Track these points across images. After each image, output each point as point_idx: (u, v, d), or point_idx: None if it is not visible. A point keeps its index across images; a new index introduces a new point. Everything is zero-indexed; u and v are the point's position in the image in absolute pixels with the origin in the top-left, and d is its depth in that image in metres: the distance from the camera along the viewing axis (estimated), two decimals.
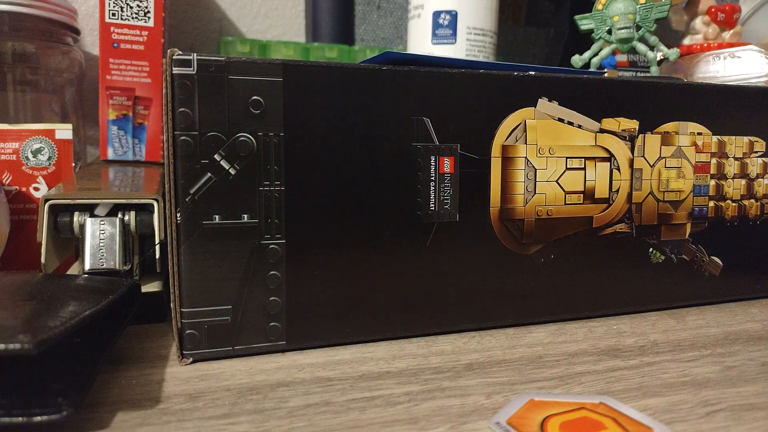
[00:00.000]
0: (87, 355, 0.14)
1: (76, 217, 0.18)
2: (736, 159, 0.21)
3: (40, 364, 0.12)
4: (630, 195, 0.19)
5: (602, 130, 0.19)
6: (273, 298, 0.16)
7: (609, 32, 0.30)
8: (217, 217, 0.15)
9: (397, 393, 0.14)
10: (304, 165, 0.15)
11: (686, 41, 0.36)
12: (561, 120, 0.18)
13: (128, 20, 0.26)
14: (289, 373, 0.15)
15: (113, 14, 0.26)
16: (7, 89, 0.28)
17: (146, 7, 0.27)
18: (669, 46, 0.31)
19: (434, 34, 0.33)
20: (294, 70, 0.15)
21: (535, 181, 0.18)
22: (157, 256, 0.18)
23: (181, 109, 0.14)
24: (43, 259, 0.18)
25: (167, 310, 0.19)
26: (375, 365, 0.15)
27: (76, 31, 0.30)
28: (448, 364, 0.16)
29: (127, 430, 0.12)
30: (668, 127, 0.19)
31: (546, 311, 0.18)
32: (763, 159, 0.21)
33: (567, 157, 0.18)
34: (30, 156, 0.24)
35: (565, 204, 0.18)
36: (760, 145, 0.21)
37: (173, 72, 0.14)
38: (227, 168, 0.15)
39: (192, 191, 0.15)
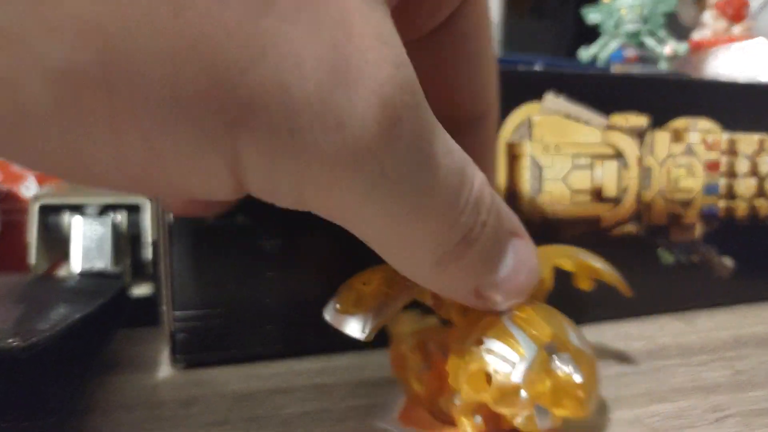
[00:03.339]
0: (78, 358, 0.13)
1: (67, 217, 0.18)
2: (746, 157, 0.20)
3: (29, 368, 0.11)
4: (639, 194, 0.19)
5: (610, 127, 0.18)
6: (268, 300, 0.15)
7: (616, 25, 0.29)
8: (210, 217, 0.15)
9: None
10: None
11: (695, 35, 0.36)
12: (568, 116, 0.17)
13: None
14: (286, 379, 0.15)
15: None
16: None
17: None
18: (678, 40, 0.30)
19: None
20: None
21: (541, 179, 0.17)
22: (149, 257, 0.18)
23: None
24: (32, 260, 0.18)
25: (159, 314, 0.19)
26: (374, 371, 0.15)
27: None
28: None
29: None
30: (678, 123, 0.19)
31: None
32: None
33: (574, 155, 0.18)
34: None
35: (572, 203, 0.18)
36: None
37: None
38: None
39: None
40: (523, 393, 0.10)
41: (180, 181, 0.07)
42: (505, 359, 0.11)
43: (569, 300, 0.18)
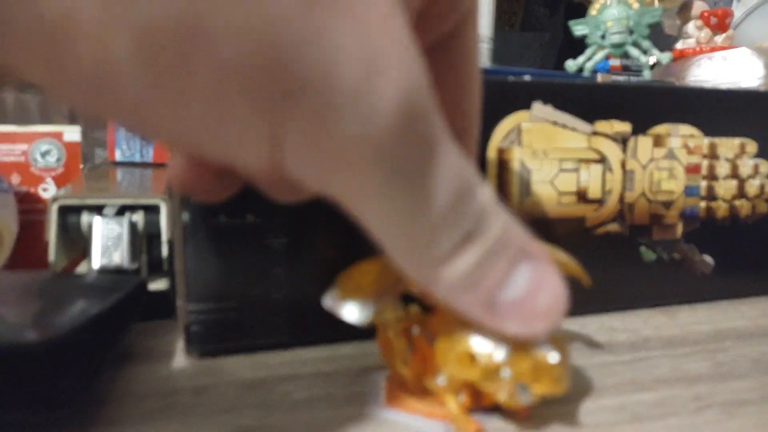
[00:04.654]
0: (93, 351, 0.14)
1: (85, 217, 0.19)
2: (727, 160, 0.21)
3: (47, 361, 0.12)
4: (622, 196, 0.20)
5: (595, 133, 0.19)
6: (276, 294, 0.16)
7: (602, 37, 0.30)
8: (222, 216, 0.15)
9: None
10: None
11: (679, 45, 0.37)
12: (555, 123, 0.18)
13: None
14: (293, 368, 0.15)
15: None
16: (15, 91, 0.28)
17: None
18: (662, 50, 0.32)
19: None
20: None
21: (530, 182, 0.18)
22: (165, 254, 0.19)
23: None
24: (51, 258, 0.18)
25: (174, 307, 0.19)
26: (376, 359, 0.16)
27: None
28: None
29: (133, 425, 0.12)
30: (660, 129, 0.20)
31: None
32: (754, 160, 0.22)
33: (561, 159, 0.19)
34: (38, 157, 0.24)
35: (559, 204, 0.19)
36: (751, 147, 0.21)
37: None
38: None
39: None
40: (506, 371, 0.11)
41: (227, 144, 0.08)
42: (488, 340, 0.11)
43: None
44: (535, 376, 0.12)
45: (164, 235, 0.19)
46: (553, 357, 0.11)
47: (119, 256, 0.18)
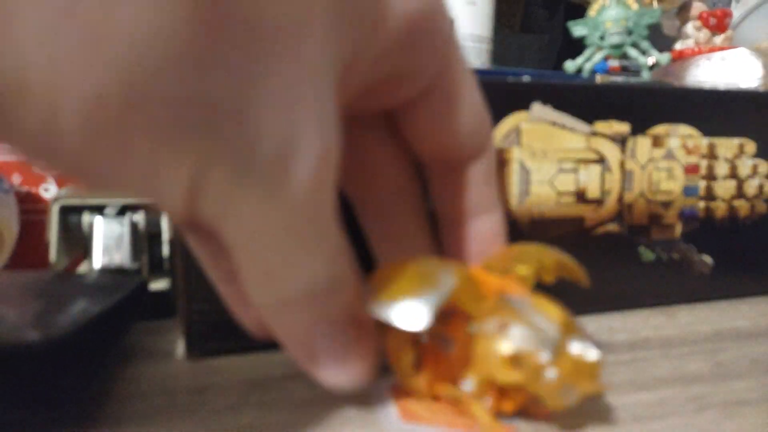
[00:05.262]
0: (96, 351, 0.14)
1: (86, 217, 0.19)
2: (726, 161, 0.21)
3: (48, 361, 0.12)
4: (621, 196, 0.20)
5: (594, 133, 0.19)
6: None
7: (601, 38, 0.30)
8: None
9: None
10: None
11: (678, 46, 0.37)
12: (554, 123, 0.19)
13: None
14: (293, 368, 0.15)
15: None
16: None
17: None
18: (661, 51, 0.32)
19: None
20: None
21: (529, 182, 0.18)
22: (167, 253, 0.19)
23: None
24: (53, 258, 0.18)
25: (174, 307, 0.20)
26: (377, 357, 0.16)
27: None
28: None
29: (134, 424, 0.12)
30: (659, 129, 0.20)
31: None
32: (753, 161, 0.22)
33: (560, 160, 0.19)
34: None
35: (557, 204, 0.19)
36: (750, 147, 0.21)
37: None
38: None
39: None
40: (551, 372, 0.11)
41: (153, 191, 0.09)
42: (532, 341, 0.11)
43: (555, 294, 0.19)
44: (577, 375, 0.11)
45: (165, 235, 0.19)
46: (592, 354, 0.11)
47: (120, 256, 0.18)
